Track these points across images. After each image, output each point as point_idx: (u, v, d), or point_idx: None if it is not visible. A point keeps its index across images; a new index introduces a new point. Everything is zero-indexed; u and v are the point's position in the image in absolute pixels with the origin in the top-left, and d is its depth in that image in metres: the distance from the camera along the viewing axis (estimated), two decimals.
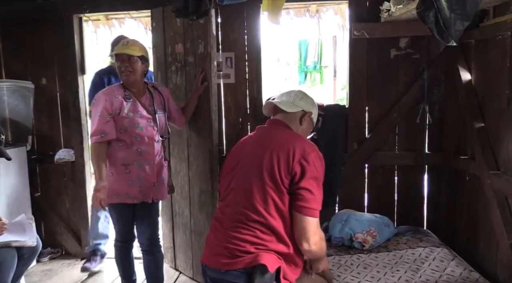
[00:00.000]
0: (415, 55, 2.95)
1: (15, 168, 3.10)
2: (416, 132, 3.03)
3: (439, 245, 2.61)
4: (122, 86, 2.35)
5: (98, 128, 2.23)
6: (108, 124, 2.24)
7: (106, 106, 2.25)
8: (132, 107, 2.30)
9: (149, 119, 2.34)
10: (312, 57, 4.34)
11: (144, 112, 2.34)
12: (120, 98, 2.28)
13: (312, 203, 1.52)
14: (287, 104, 1.72)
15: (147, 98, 2.39)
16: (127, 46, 2.27)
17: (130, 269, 2.54)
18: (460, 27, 1.52)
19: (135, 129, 2.29)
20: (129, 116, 2.28)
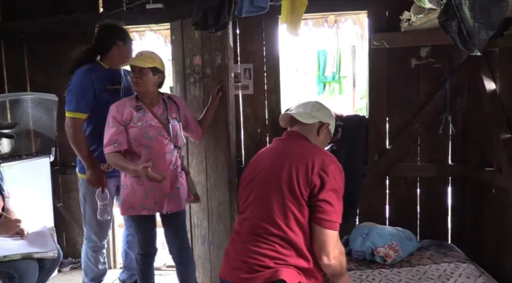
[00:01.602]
0: (436, 65, 2.89)
1: (38, 178, 3.17)
2: (438, 143, 2.95)
3: (464, 260, 2.52)
4: (135, 97, 2.38)
5: (111, 139, 2.26)
6: (120, 134, 2.28)
7: (116, 117, 2.29)
8: (142, 117, 2.30)
9: (159, 129, 2.32)
10: (331, 67, 4.32)
11: (154, 122, 2.32)
12: (130, 109, 2.31)
13: (332, 215, 1.49)
14: (304, 116, 1.70)
15: (160, 108, 2.38)
16: (140, 57, 2.30)
17: (152, 280, 2.54)
18: (484, 36, 1.48)
19: (144, 139, 2.29)
20: (137, 126, 2.30)
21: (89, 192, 2.57)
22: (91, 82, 2.46)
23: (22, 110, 3.32)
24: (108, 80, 2.54)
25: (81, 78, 2.46)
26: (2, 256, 2.05)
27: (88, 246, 2.69)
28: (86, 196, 2.60)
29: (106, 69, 2.56)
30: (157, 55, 2.39)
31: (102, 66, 2.56)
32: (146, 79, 2.28)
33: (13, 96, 3.32)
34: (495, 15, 1.42)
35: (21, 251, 2.12)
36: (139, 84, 2.29)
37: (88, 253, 2.70)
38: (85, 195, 2.60)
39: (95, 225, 2.63)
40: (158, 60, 2.34)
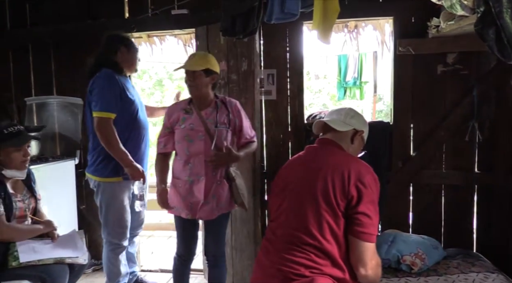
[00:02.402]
0: (463, 71, 2.86)
1: (63, 181, 3.21)
2: (464, 151, 2.91)
3: (493, 270, 2.48)
4: (188, 100, 2.40)
5: (160, 140, 2.40)
6: (166, 137, 2.38)
7: (165, 120, 2.41)
8: (188, 120, 2.31)
9: (201, 133, 2.28)
10: (352, 72, 4.31)
11: (197, 125, 2.29)
12: (179, 111, 2.35)
13: (370, 228, 1.48)
14: (338, 123, 1.70)
15: (210, 112, 2.32)
16: (192, 60, 2.30)
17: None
18: None
19: (185, 141, 2.31)
20: (181, 128, 2.32)
21: (113, 196, 2.59)
22: (117, 82, 2.51)
23: (48, 113, 3.37)
24: (125, 84, 2.58)
25: (107, 78, 2.49)
26: (36, 260, 2.08)
27: (109, 249, 2.70)
28: (110, 200, 2.60)
29: (121, 74, 2.59)
30: (210, 56, 2.37)
31: (118, 71, 2.58)
32: (199, 82, 2.27)
33: (40, 100, 3.38)
34: None
35: (54, 255, 2.15)
36: (192, 87, 2.29)
37: (110, 256, 2.71)
38: (110, 199, 2.61)
39: (118, 227, 2.64)
40: (211, 61, 2.31)
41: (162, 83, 9.96)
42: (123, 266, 2.77)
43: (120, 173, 2.55)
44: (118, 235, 2.66)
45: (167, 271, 3.48)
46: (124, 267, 2.78)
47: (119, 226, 2.64)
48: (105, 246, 2.73)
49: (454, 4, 2.11)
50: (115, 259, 2.71)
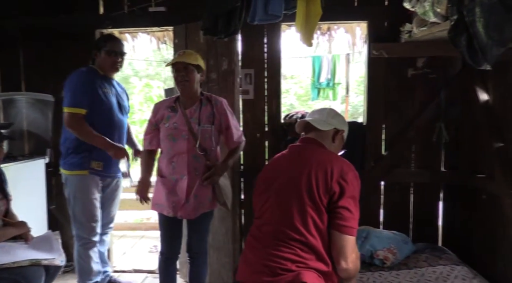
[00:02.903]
0: (431, 75, 3.02)
1: (32, 181, 3.10)
2: (432, 151, 3.08)
3: (458, 263, 2.64)
4: (175, 97, 2.39)
5: (145, 137, 2.44)
6: (152, 134, 2.41)
7: (151, 117, 2.42)
8: (172, 118, 2.31)
9: (184, 132, 2.28)
10: (326, 74, 4.42)
11: (181, 124, 2.29)
12: (164, 109, 2.35)
13: (351, 222, 1.55)
14: (321, 123, 1.76)
15: (194, 110, 2.32)
16: (184, 55, 2.28)
17: (173, 281, 2.54)
18: (496, 52, 1.58)
19: (168, 141, 2.31)
20: (165, 127, 2.33)
21: (79, 189, 2.60)
22: (88, 80, 2.56)
23: (16, 110, 3.24)
24: (101, 83, 2.62)
25: (79, 76, 2.57)
26: (11, 262, 2.00)
27: (79, 245, 2.68)
28: (76, 193, 2.61)
29: (100, 74, 2.66)
30: (198, 54, 2.38)
31: (98, 71, 2.66)
32: (192, 77, 2.26)
33: (7, 96, 3.24)
34: (508, 33, 1.52)
35: (29, 257, 2.07)
36: (185, 82, 2.25)
37: (81, 252, 2.68)
38: (76, 192, 2.62)
39: (86, 221, 2.63)
40: (200, 58, 2.33)
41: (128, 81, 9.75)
42: (95, 264, 2.72)
43: (86, 166, 2.57)
44: (86, 229, 2.64)
45: (141, 271, 3.44)
46: (96, 265, 2.73)
47: (87, 220, 2.63)
48: (75, 242, 2.71)
49: (427, 11, 2.22)
50: (86, 255, 2.67)
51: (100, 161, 2.60)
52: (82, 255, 2.68)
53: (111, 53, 2.62)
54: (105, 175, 2.67)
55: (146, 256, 3.81)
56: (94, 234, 2.67)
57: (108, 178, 2.71)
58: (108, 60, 2.62)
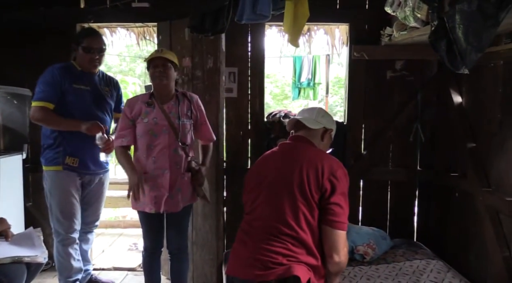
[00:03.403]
0: (409, 77, 3.14)
1: (8, 177, 3.00)
2: (409, 150, 3.20)
3: (433, 257, 2.76)
4: (150, 94, 2.39)
5: (119, 133, 2.35)
6: (127, 130, 2.34)
7: (125, 111, 2.36)
8: (150, 114, 2.31)
9: (165, 127, 2.30)
10: (306, 74, 4.50)
11: (160, 119, 2.30)
12: (141, 104, 2.34)
13: (342, 217, 1.61)
14: (311, 122, 1.80)
15: (172, 105, 2.35)
16: (162, 52, 2.33)
17: (157, 276, 2.55)
18: (474, 57, 1.68)
19: (149, 136, 2.30)
20: (143, 122, 2.32)
21: (54, 185, 2.56)
22: (59, 76, 2.51)
23: None
24: (76, 79, 2.54)
25: (50, 72, 2.53)
26: None
27: (57, 241, 2.63)
28: (52, 189, 2.57)
29: (78, 70, 2.59)
30: (174, 54, 2.43)
31: (75, 67, 2.60)
32: (170, 74, 2.30)
33: None
34: (485, 39, 1.61)
35: (10, 254, 2.02)
36: (163, 77, 2.28)
37: (59, 249, 2.63)
38: (51, 188, 2.58)
39: (61, 217, 2.57)
40: (175, 57, 2.37)
41: None
42: (74, 261, 2.66)
43: (59, 162, 2.53)
44: (63, 225, 2.59)
45: (121, 269, 3.41)
46: (77, 262, 2.67)
47: (63, 216, 2.57)
48: (54, 238, 2.67)
49: (408, 16, 2.32)
50: (64, 252, 2.62)
51: (76, 157, 2.54)
52: (60, 252, 2.63)
53: (89, 50, 2.54)
54: (82, 172, 2.60)
55: (125, 254, 3.77)
56: (72, 230, 2.61)
57: (87, 175, 2.63)
58: (86, 56, 2.55)
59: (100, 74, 2.69)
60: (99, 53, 2.59)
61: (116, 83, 2.81)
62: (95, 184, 2.70)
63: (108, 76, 2.79)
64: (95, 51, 2.56)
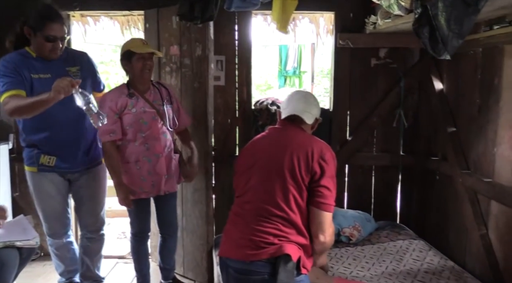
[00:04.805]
0: (392, 65, 3.22)
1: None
2: (392, 136, 3.30)
3: (415, 237, 2.89)
4: (125, 85, 2.42)
5: (107, 128, 2.29)
6: (116, 124, 2.34)
7: (111, 106, 2.33)
8: (136, 104, 2.37)
9: (153, 114, 2.39)
10: (292, 62, 4.55)
11: (147, 107, 2.39)
12: (124, 97, 2.36)
13: (330, 199, 1.68)
14: (308, 116, 1.80)
15: (152, 93, 2.44)
16: (147, 45, 2.38)
17: (146, 261, 2.64)
18: (455, 44, 1.75)
19: (140, 125, 2.36)
20: (132, 113, 2.36)
21: (32, 186, 2.41)
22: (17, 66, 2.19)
23: None
24: (33, 68, 2.23)
25: (3, 64, 2.19)
26: None
27: (48, 243, 2.58)
28: (32, 189, 2.43)
29: (33, 57, 2.25)
30: None
31: (30, 54, 2.25)
32: (152, 65, 2.39)
33: None
34: (466, 26, 1.69)
35: (2, 239, 2.04)
36: (148, 71, 2.36)
37: (50, 249, 2.60)
38: (31, 188, 2.43)
39: (43, 219, 2.48)
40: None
41: None
42: (58, 264, 2.61)
43: (34, 163, 2.34)
44: (46, 227, 2.51)
45: (111, 257, 3.44)
46: (59, 266, 2.60)
47: (43, 218, 2.47)
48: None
49: (392, 4, 2.39)
50: (52, 252, 2.59)
51: (53, 155, 2.33)
52: (51, 252, 2.61)
53: (52, 39, 2.18)
54: (62, 171, 2.38)
55: (115, 242, 3.80)
56: (54, 234, 2.51)
57: (68, 173, 2.41)
58: (47, 45, 2.19)
59: (63, 55, 2.30)
60: (62, 40, 2.24)
61: (85, 58, 2.46)
62: (84, 180, 2.47)
63: (73, 53, 2.44)
64: (58, 39, 2.21)
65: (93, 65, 2.52)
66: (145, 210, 2.54)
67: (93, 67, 2.51)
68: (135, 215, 2.53)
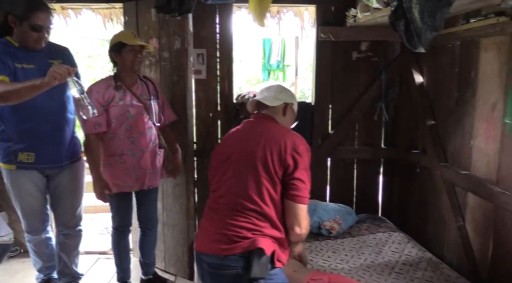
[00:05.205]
0: (374, 58, 3.23)
1: None
2: (373, 129, 3.32)
3: (395, 230, 2.91)
4: (112, 77, 2.41)
5: (92, 120, 2.26)
6: (101, 116, 2.33)
7: (98, 98, 2.33)
8: (123, 97, 2.38)
9: (140, 108, 2.40)
10: (276, 56, 4.53)
11: (134, 101, 2.40)
12: (111, 89, 2.37)
13: (304, 192, 1.68)
14: (270, 99, 1.84)
15: (139, 87, 2.45)
16: (138, 38, 2.39)
17: (127, 256, 2.65)
18: (429, 36, 1.76)
19: (126, 118, 2.38)
20: (119, 105, 2.36)
21: (10, 183, 2.34)
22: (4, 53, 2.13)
23: None
24: (16, 57, 2.16)
25: None
26: None
27: (26, 239, 2.54)
28: (9, 187, 2.36)
29: (16, 46, 2.19)
30: None
31: (12, 43, 2.19)
32: (142, 58, 2.42)
33: None
34: (439, 19, 1.70)
35: None
36: (139, 64, 2.39)
37: (28, 245, 2.56)
38: (8, 186, 2.36)
39: (22, 216, 2.43)
40: None
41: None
42: (36, 260, 2.58)
43: (12, 160, 2.26)
44: (24, 224, 2.47)
45: (93, 252, 3.42)
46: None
47: (23, 215, 2.42)
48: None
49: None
50: (30, 248, 2.56)
51: (31, 151, 2.25)
52: (29, 249, 2.57)
53: (39, 29, 2.14)
54: (42, 167, 2.32)
55: (97, 238, 3.77)
56: (33, 230, 2.46)
57: (48, 169, 2.35)
58: (32, 35, 2.15)
59: (46, 47, 2.26)
60: (48, 31, 2.22)
61: (67, 53, 2.42)
62: (63, 176, 2.41)
63: (55, 47, 2.38)
64: (44, 29, 2.17)
65: (74, 60, 2.48)
66: (126, 204, 2.54)
67: (74, 62, 2.46)
68: (116, 209, 2.53)
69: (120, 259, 2.65)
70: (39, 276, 2.63)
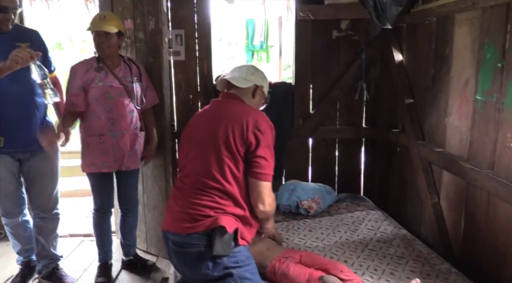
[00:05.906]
0: (354, 37, 3.19)
1: None
2: (355, 108, 3.30)
3: (374, 208, 2.93)
4: (96, 59, 2.43)
5: (69, 100, 2.38)
6: (78, 97, 2.38)
7: (77, 78, 2.37)
8: (104, 78, 2.40)
9: (120, 90, 2.41)
10: (259, 36, 4.48)
11: (115, 83, 2.41)
12: (92, 70, 2.39)
13: (267, 169, 1.68)
14: (239, 80, 1.83)
15: (121, 70, 2.46)
16: (105, 22, 2.33)
17: (108, 237, 2.67)
18: (394, 12, 1.74)
19: (105, 99, 2.39)
20: (98, 86, 2.38)
21: None
22: None
23: None
24: None
25: None
26: None
27: (3, 222, 2.55)
28: None
29: None
30: (118, 17, 2.47)
31: None
32: (112, 42, 2.36)
33: None
34: None
35: None
36: (104, 48, 2.36)
37: (6, 229, 2.58)
38: None
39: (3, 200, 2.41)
40: (120, 23, 2.43)
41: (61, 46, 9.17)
42: (14, 243, 2.59)
43: None
44: (5, 206, 2.45)
45: (77, 235, 3.45)
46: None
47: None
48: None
49: None
50: (8, 231, 2.56)
51: (0, 135, 2.23)
52: (7, 232, 2.59)
53: (2, 9, 2.11)
54: (12, 151, 2.30)
55: (82, 221, 3.80)
56: (8, 213, 2.46)
57: (19, 153, 2.33)
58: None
59: (14, 30, 2.23)
60: (14, 12, 2.18)
61: (36, 36, 2.37)
62: (35, 160, 2.39)
63: (23, 30, 2.36)
64: (10, 11, 2.14)
65: (44, 44, 2.43)
66: (107, 185, 2.56)
67: (44, 45, 2.41)
68: (97, 190, 2.56)
69: (102, 240, 2.68)
70: (19, 258, 2.65)
